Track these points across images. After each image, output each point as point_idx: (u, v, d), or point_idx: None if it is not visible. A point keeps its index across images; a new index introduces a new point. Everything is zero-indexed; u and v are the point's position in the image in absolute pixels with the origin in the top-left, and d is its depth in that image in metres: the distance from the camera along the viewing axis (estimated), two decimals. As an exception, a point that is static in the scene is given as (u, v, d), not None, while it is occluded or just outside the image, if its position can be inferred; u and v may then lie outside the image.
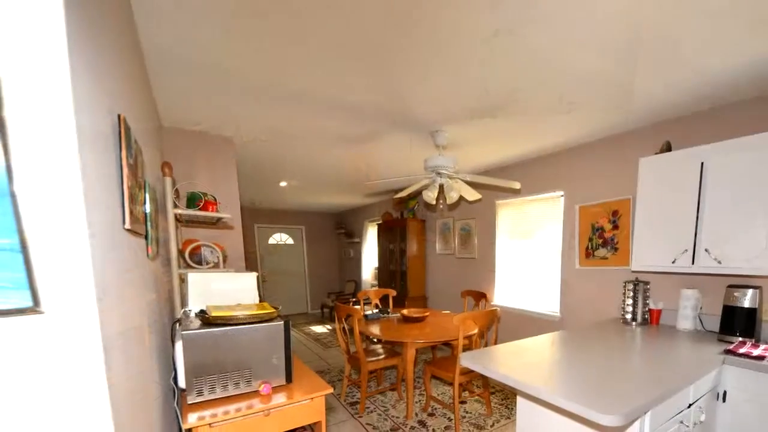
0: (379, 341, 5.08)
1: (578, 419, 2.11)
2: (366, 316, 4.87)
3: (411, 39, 2.27)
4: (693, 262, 3.00)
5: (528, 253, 5.25)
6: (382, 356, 4.42)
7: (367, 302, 9.04)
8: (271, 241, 10.75)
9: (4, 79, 0.83)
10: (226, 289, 2.28)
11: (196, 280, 2.23)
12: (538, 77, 2.76)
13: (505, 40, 2.28)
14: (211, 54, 2.45)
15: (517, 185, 4.19)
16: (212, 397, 1.88)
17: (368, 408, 4.40)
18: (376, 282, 9.08)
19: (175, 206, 2.61)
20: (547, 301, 4.97)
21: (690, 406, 2.24)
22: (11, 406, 0.87)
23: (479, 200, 5.79)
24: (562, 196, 4.70)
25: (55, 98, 0.90)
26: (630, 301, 3.53)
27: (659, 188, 3.24)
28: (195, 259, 2.90)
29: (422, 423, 4.00)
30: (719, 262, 2.85)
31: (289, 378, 2.11)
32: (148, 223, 1.84)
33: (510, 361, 2.43)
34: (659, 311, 3.53)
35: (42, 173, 0.89)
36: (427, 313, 4.72)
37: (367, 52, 2.43)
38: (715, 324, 3.18)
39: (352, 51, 2.41)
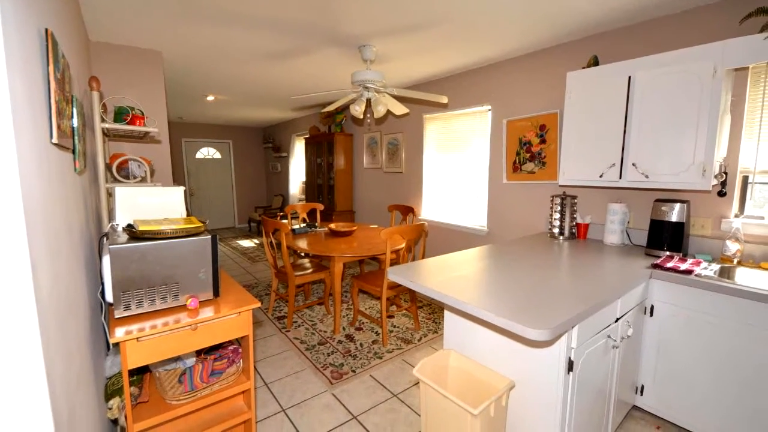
0: (307, 255, 4.89)
1: (505, 333, 1.99)
2: (293, 230, 4.62)
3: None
4: (620, 177, 2.84)
5: (456, 168, 5.03)
6: (310, 270, 4.19)
7: (295, 216, 8.92)
8: (199, 155, 10.30)
9: None
10: (154, 204, 2.17)
11: (123, 194, 2.10)
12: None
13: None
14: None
15: (444, 99, 3.93)
16: (140, 311, 1.79)
17: (296, 322, 4.19)
18: (303, 196, 8.81)
19: (103, 120, 2.49)
20: (474, 216, 4.82)
21: (617, 320, 2.13)
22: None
23: (407, 114, 5.57)
24: (489, 110, 4.45)
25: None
26: (557, 216, 3.38)
27: (587, 102, 3.04)
28: (122, 174, 2.78)
29: (350, 337, 3.83)
30: (646, 177, 2.70)
31: (216, 292, 2.01)
32: (76, 138, 1.80)
33: (437, 275, 2.25)
34: (587, 225, 3.41)
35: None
36: (354, 228, 4.48)
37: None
38: (642, 238, 3.14)
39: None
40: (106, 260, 1.73)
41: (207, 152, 10.41)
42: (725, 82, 2.43)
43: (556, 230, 3.42)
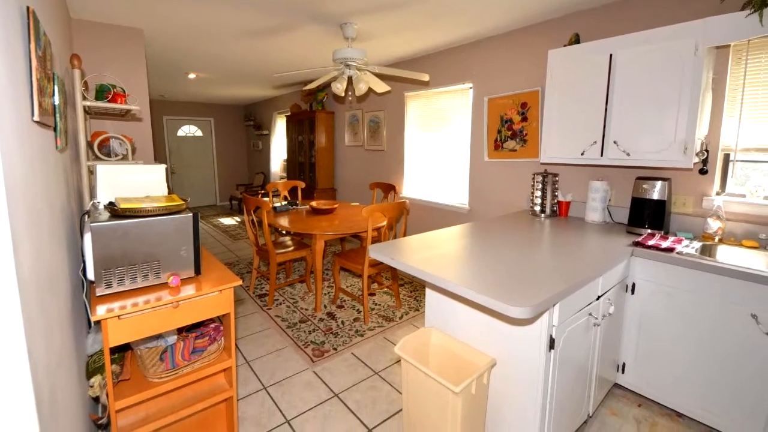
0: (288, 233, 4.78)
1: (487, 311, 1.93)
2: (275, 208, 4.50)
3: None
4: (602, 154, 2.78)
5: (437, 146, 4.93)
6: (291, 248, 4.08)
7: (276, 194, 8.72)
8: (180, 133, 10.06)
9: None
10: (135, 181, 2.15)
11: (104, 172, 2.08)
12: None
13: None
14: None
15: (425, 77, 3.83)
16: (121, 289, 1.76)
17: (277, 300, 4.10)
18: (284, 174, 8.64)
19: (84, 98, 2.45)
20: (456, 193, 4.74)
21: (599, 298, 2.09)
22: None
23: (388, 92, 5.44)
24: (471, 88, 4.34)
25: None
26: (539, 193, 3.32)
27: (568, 80, 2.96)
28: (104, 151, 2.76)
29: (331, 315, 3.76)
30: (628, 154, 2.64)
31: (197, 270, 1.97)
32: (57, 115, 1.78)
33: (418, 253, 2.19)
34: (568, 203, 3.36)
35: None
36: (336, 205, 4.38)
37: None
38: (623, 216, 3.09)
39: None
40: (88, 238, 1.70)
41: (188, 130, 10.14)
42: (707, 60, 2.37)
43: (537, 208, 3.37)
